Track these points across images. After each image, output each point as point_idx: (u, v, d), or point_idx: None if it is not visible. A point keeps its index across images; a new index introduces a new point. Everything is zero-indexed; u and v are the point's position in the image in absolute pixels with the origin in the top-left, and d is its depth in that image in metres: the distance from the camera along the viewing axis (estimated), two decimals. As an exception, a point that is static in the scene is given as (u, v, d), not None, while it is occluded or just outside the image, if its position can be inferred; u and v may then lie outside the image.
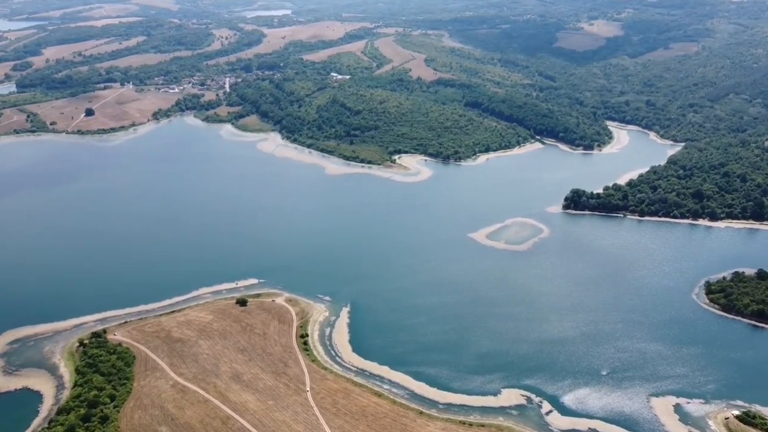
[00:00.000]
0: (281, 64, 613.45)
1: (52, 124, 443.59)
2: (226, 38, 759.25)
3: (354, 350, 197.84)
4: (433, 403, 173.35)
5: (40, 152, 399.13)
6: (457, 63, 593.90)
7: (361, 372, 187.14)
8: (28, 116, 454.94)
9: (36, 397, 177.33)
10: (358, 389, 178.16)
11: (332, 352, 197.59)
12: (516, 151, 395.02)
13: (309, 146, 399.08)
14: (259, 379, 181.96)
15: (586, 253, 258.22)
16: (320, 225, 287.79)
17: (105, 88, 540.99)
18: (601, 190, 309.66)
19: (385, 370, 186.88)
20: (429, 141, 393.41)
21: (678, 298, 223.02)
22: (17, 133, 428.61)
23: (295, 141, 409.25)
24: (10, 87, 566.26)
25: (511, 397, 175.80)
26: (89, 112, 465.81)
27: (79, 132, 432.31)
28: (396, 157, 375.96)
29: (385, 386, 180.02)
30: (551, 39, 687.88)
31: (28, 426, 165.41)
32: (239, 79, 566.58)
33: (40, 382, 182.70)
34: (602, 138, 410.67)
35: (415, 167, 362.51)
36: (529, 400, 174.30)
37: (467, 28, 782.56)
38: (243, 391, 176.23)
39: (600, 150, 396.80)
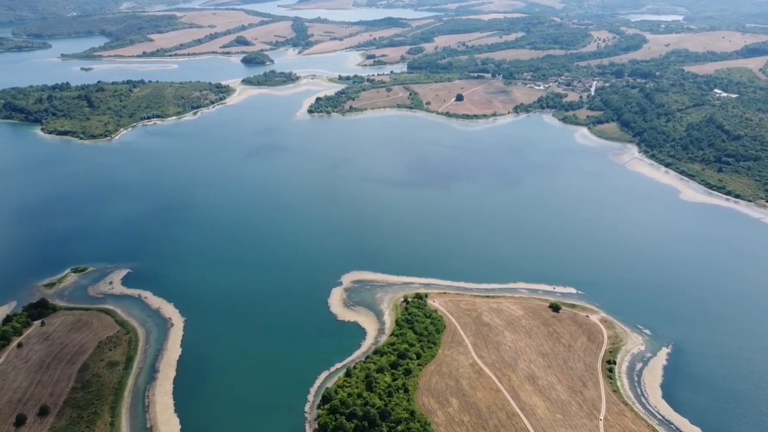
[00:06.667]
0: (657, 73, 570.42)
1: (427, 103, 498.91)
2: (603, 40, 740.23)
3: (664, 396, 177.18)
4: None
5: (414, 126, 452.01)
6: None
7: (665, 422, 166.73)
8: (410, 94, 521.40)
9: (361, 332, 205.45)
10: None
11: (638, 389, 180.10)
12: None
13: (667, 165, 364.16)
14: (553, 388, 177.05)
15: None
16: (658, 252, 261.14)
17: (477, 77, 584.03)
18: None
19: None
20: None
21: None
22: (399, 107, 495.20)
23: (652, 157, 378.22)
24: (402, 67, 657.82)
25: None
26: (459, 98, 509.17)
27: (447, 114, 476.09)
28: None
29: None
30: None
31: (350, 355, 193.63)
32: (607, 84, 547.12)
33: (367, 322, 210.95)
34: None
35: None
36: None
37: None
38: (535, 395, 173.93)
39: None
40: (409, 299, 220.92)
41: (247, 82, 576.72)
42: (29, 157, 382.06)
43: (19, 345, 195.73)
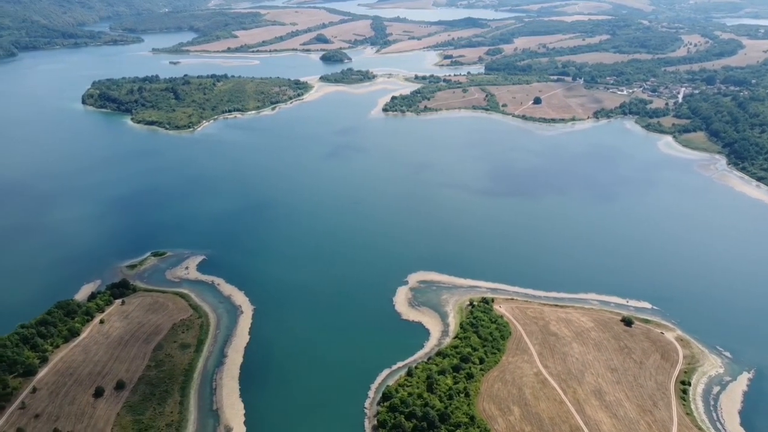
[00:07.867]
0: (752, 81, 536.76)
1: (503, 105, 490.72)
2: (695, 45, 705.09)
3: (742, 424, 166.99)
4: None
5: (487, 129, 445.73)
6: None
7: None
8: (486, 96, 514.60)
9: (425, 333, 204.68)
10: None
11: (713, 414, 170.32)
12: None
13: (759, 179, 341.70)
14: (621, 405, 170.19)
15: None
16: (745, 271, 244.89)
17: (557, 80, 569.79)
18: None
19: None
20: None
21: None
22: (474, 108, 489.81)
23: (743, 170, 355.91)
24: (480, 68, 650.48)
25: None
26: (537, 101, 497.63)
27: (524, 117, 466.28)
28: None
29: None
30: None
31: (412, 354, 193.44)
32: (696, 91, 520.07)
33: (431, 323, 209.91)
34: None
35: None
36: None
37: None
38: (601, 410, 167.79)
39: None
40: (475, 303, 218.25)
41: (324, 79, 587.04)
42: (120, 145, 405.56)
43: (101, 321, 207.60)
